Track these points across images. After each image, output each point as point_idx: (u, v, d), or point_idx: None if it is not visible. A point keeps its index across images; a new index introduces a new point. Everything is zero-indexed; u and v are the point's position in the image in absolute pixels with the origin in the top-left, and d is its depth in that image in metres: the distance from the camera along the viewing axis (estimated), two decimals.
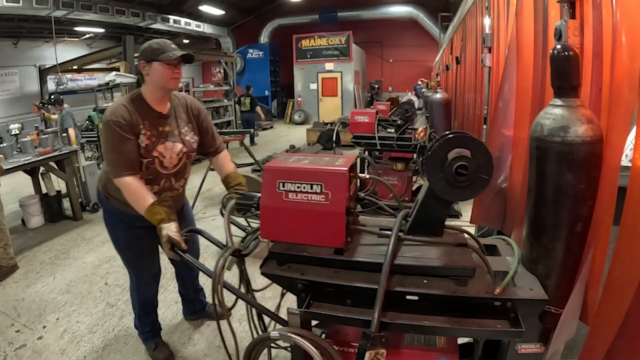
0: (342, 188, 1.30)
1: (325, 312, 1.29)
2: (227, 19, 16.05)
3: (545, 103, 1.73)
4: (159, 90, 2.02)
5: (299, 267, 1.37)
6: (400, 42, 17.55)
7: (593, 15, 1.21)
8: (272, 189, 1.35)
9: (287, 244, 1.40)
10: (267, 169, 1.37)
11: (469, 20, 4.60)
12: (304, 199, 1.32)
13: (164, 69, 1.95)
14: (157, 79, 1.97)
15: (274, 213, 1.37)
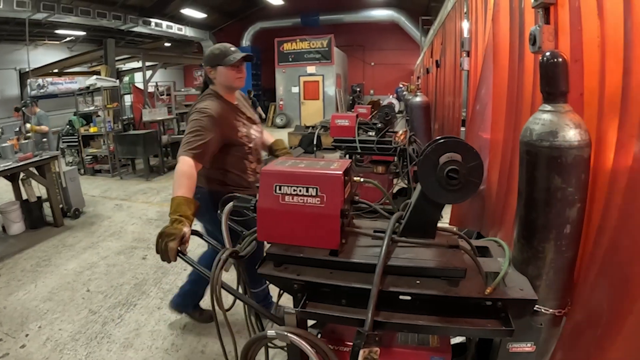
0: (337, 191, 1.33)
1: (320, 311, 1.31)
2: (209, 23, 15.99)
3: (521, 107, 1.80)
4: (228, 89, 2.27)
5: (296, 268, 1.39)
6: (382, 46, 17.76)
7: (571, 21, 1.26)
8: (269, 192, 1.38)
9: (284, 246, 1.42)
10: (265, 173, 1.40)
11: (449, 24, 4.68)
12: (300, 202, 1.35)
13: (228, 71, 2.19)
14: (224, 80, 2.22)
15: (271, 215, 1.39)
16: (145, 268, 3.87)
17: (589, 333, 1.19)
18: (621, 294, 1.07)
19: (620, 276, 1.07)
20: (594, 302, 1.18)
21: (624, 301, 1.04)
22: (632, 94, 0.99)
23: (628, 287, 1.03)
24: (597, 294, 1.17)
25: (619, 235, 1.08)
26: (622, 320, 1.05)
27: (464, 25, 3.20)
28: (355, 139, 4.66)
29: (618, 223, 1.09)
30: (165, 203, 6.03)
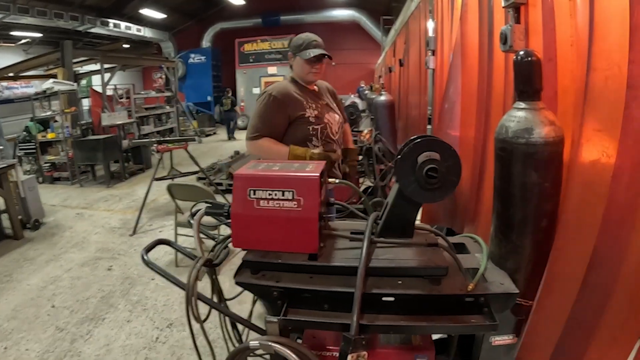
0: (313, 194, 1.29)
1: (303, 318, 1.26)
2: (168, 23, 15.59)
3: (491, 104, 1.82)
4: (300, 79, 2.32)
5: (274, 275, 1.34)
6: (343, 46, 17.75)
7: (544, 20, 1.27)
8: (243, 197, 1.32)
9: (261, 252, 1.37)
10: (238, 177, 1.34)
11: (413, 23, 4.72)
12: (276, 206, 1.30)
13: (304, 64, 2.24)
14: (299, 71, 2.30)
15: (246, 221, 1.33)
16: (111, 279, 3.70)
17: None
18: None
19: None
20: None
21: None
22: (595, 90, 1.00)
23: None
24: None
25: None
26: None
27: (429, 25, 3.22)
28: None
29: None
30: (129, 210, 5.82)
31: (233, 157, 7.78)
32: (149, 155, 8.97)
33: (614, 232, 1.00)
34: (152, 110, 11.67)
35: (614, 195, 0.97)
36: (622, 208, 0.97)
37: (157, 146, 5.31)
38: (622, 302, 1.02)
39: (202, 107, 16.65)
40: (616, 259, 1.02)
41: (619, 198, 0.97)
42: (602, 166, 0.99)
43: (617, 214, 0.99)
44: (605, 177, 0.98)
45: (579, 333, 1.13)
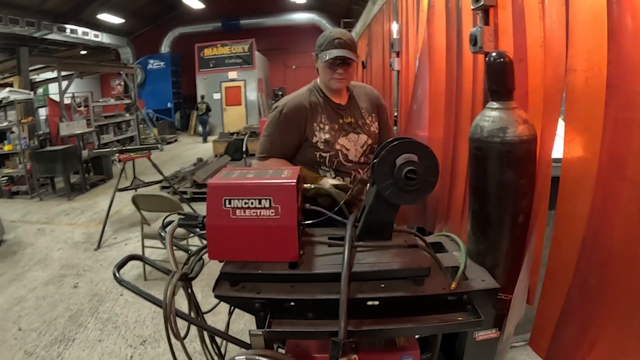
0: (291, 201, 1.25)
1: (289, 329, 1.22)
2: (126, 28, 15.08)
3: (461, 104, 1.84)
4: (326, 87, 1.91)
5: (254, 286, 1.29)
6: (303, 48, 17.66)
7: (514, 22, 1.29)
8: (217, 207, 1.26)
9: (239, 263, 1.31)
10: (212, 186, 1.28)
11: (375, 26, 4.76)
12: (253, 215, 1.25)
13: (324, 67, 1.83)
14: (322, 76, 1.89)
15: (222, 232, 1.27)
16: (78, 297, 3.50)
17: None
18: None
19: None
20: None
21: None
22: (576, 90, 1.03)
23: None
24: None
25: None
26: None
27: (393, 27, 3.24)
28: None
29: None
30: (92, 223, 5.56)
31: (196, 164, 7.59)
32: (110, 165, 8.62)
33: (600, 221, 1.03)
34: (112, 118, 11.22)
35: (599, 187, 1.00)
36: (606, 199, 1.00)
37: (119, 156, 5.10)
38: (612, 286, 1.05)
39: (163, 114, 16.18)
40: (603, 245, 1.05)
41: (604, 190, 0.99)
42: (588, 162, 1.02)
43: (602, 204, 1.01)
44: (591, 172, 1.01)
45: (575, 315, 1.16)
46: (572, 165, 1.10)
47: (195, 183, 6.35)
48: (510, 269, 1.28)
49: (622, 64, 0.91)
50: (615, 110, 0.93)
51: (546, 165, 1.16)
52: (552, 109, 1.13)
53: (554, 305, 1.21)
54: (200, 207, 5.66)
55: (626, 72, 0.90)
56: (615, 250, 1.01)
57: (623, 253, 1.00)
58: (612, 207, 1.00)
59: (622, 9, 0.89)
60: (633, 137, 0.92)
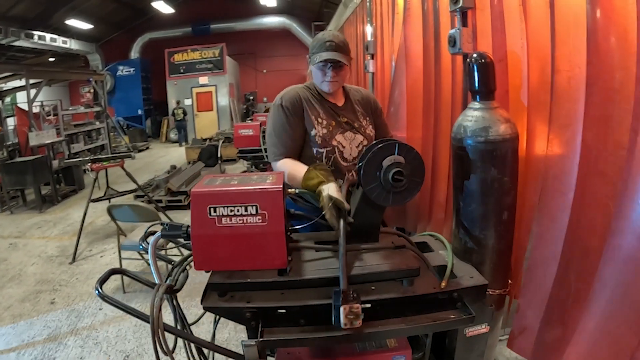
0: (278, 207, 1.22)
1: (282, 337, 1.19)
2: (95, 34, 14.64)
3: (440, 105, 1.85)
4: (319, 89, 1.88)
5: (243, 295, 1.26)
6: (274, 52, 17.61)
7: (493, 24, 1.30)
8: (202, 216, 1.22)
9: (226, 273, 1.28)
10: (195, 195, 1.23)
11: (348, 28, 4.78)
12: (239, 223, 1.22)
13: (316, 70, 1.81)
14: (314, 78, 1.87)
15: (208, 241, 1.24)
16: (55, 314, 3.36)
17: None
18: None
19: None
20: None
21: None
22: (559, 89, 1.04)
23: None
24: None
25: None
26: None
27: (367, 29, 3.25)
28: (261, 147, 4.55)
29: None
30: (65, 236, 5.37)
31: (170, 171, 7.41)
32: (81, 175, 8.34)
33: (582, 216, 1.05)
34: (82, 127, 10.86)
35: (580, 183, 1.01)
36: (587, 194, 1.02)
37: (91, 165, 4.94)
38: (590, 280, 1.07)
39: (133, 121, 15.76)
40: (585, 239, 1.07)
41: (585, 185, 1.01)
42: (570, 158, 1.04)
43: (583, 199, 1.03)
44: (572, 167, 1.02)
45: (560, 311, 1.17)
46: (554, 161, 1.12)
47: (169, 191, 6.20)
48: (496, 265, 1.29)
49: (600, 64, 0.93)
50: (594, 108, 0.95)
51: (536, 161, 1.18)
52: (540, 108, 1.15)
53: (537, 303, 1.22)
54: (176, 215, 5.55)
55: (603, 72, 0.93)
56: (593, 245, 1.03)
57: (599, 247, 1.02)
58: (590, 201, 1.02)
59: (601, 12, 0.91)
60: (609, 133, 0.94)
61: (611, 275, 1.00)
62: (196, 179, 6.97)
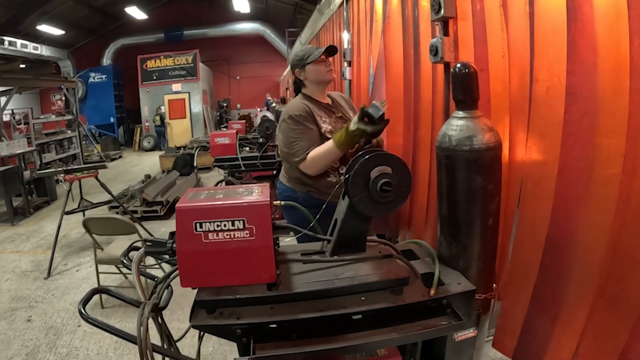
0: (266, 220, 1.19)
1: (274, 353, 1.16)
2: (67, 40, 14.16)
3: (420, 113, 1.86)
4: (320, 85, 2.15)
5: (232, 311, 1.22)
6: (247, 59, 17.44)
7: (475, 33, 1.31)
8: (188, 232, 1.17)
9: (214, 289, 1.24)
10: (180, 210, 1.18)
11: (324, 35, 4.76)
12: (227, 238, 1.18)
13: (317, 66, 2.08)
14: (315, 76, 2.11)
15: (195, 258, 1.19)
16: (33, 332, 3.20)
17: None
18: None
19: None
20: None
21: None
22: (538, 99, 1.05)
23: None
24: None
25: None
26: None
27: (344, 36, 3.24)
28: (238, 156, 4.47)
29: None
30: (39, 249, 5.15)
31: (144, 181, 7.18)
32: (54, 186, 8.02)
33: (561, 220, 1.06)
34: (53, 135, 10.48)
35: (560, 189, 1.02)
36: (566, 200, 1.03)
37: (64, 176, 4.75)
38: (574, 281, 1.09)
39: (105, 130, 15.28)
40: (565, 243, 1.08)
41: (564, 191, 1.02)
42: (548, 165, 1.05)
43: (563, 205, 1.04)
44: (551, 174, 1.03)
45: (541, 311, 1.18)
46: (533, 168, 1.13)
47: (145, 201, 6.01)
48: (482, 269, 1.30)
49: (582, 74, 0.94)
50: (578, 116, 0.96)
51: (517, 167, 1.19)
52: (520, 116, 1.16)
53: (519, 305, 1.24)
54: (152, 225, 5.40)
55: (585, 82, 0.94)
56: (594, 244, 1.04)
57: (591, 250, 1.03)
58: (581, 206, 1.03)
59: (583, 22, 0.92)
60: (597, 140, 0.95)
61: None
62: (172, 188, 6.77)
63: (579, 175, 1.03)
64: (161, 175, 8.03)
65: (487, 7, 1.27)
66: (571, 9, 0.95)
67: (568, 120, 1.00)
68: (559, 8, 0.98)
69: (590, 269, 1.05)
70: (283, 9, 14.27)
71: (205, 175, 8.69)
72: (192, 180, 7.34)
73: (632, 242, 0.93)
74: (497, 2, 1.23)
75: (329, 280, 1.24)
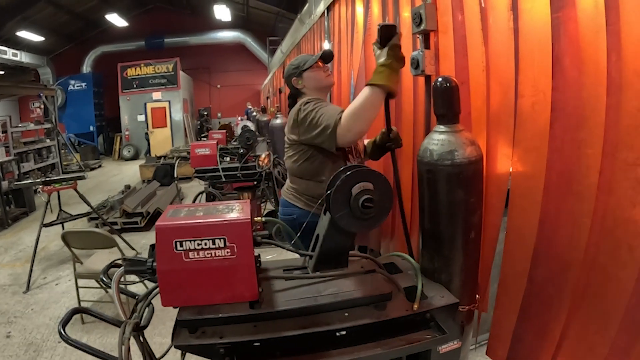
0: (247, 238, 1.16)
1: None
2: (46, 47, 13.79)
3: (401, 125, 1.86)
4: (321, 91, 1.98)
5: (215, 330, 1.18)
6: (228, 67, 17.26)
7: (456, 47, 1.31)
8: (168, 251, 1.14)
9: (196, 308, 1.20)
10: (160, 229, 1.15)
11: (305, 44, 4.75)
12: (208, 256, 1.15)
13: (316, 72, 1.95)
14: (315, 82, 1.96)
15: (175, 277, 1.16)
16: (12, 349, 3.06)
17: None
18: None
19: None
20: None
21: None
22: (523, 114, 1.06)
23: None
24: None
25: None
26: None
27: (325, 46, 3.23)
28: (219, 167, 4.41)
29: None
30: (18, 262, 4.98)
31: (124, 191, 6.98)
32: (32, 197, 7.78)
33: (547, 233, 1.06)
34: (32, 144, 10.16)
35: (546, 202, 1.03)
36: (550, 214, 1.04)
37: (43, 187, 4.60)
38: (557, 295, 1.09)
39: (85, 138, 14.87)
40: (552, 255, 1.08)
41: (550, 204, 1.03)
42: (535, 178, 1.06)
43: (547, 218, 1.04)
44: (538, 187, 1.04)
45: (529, 322, 1.18)
46: (520, 182, 1.13)
47: (125, 212, 5.85)
48: (464, 282, 1.29)
49: (567, 90, 0.95)
50: (562, 131, 0.97)
51: (501, 182, 1.19)
52: (502, 130, 1.16)
53: (509, 314, 1.23)
54: (132, 237, 5.26)
55: (570, 98, 0.95)
56: (572, 258, 1.04)
57: (582, 260, 1.03)
58: (564, 219, 1.03)
59: (568, 38, 0.93)
60: (577, 156, 0.96)
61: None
62: (152, 199, 6.60)
63: (561, 189, 1.03)
64: (141, 185, 7.85)
65: (467, 21, 1.27)
66: (556, 25, 0.96)
67: (553, 136, 1.01)
68: (544, 25, 0.98)
69: (568, 284, 1.06)
70: (264, 18, 14.24)
71: (185, 185, 8.53)
72: (173, 190, 7.18)
73: (607, 259, 0.94)
74: (477, 17, 1.23)
75: (312, 297, 1.22)
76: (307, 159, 1.85)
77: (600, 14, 0.86)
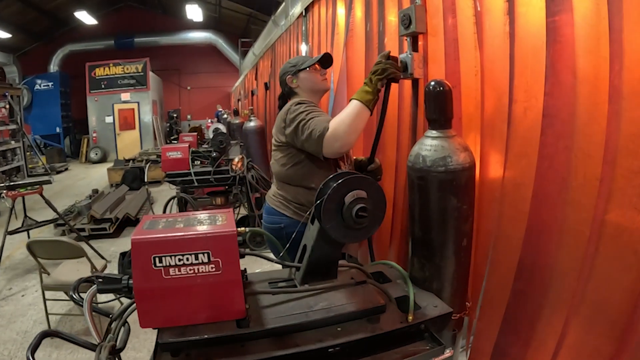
0: (233, 252, 1.07)
1: None
2: (13, 44, 13.01)
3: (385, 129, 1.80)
4: (314, 94, 1.88)
5: (200, 352, 1.08)
6: (198, 69, 16.85)
7: (446, 51, 1.26)
8: (146, 267, 1.03)
9: (178, 329, 1.09)
10: (137, 243, 1.03)
11: (280, 46, 4.64)
12: (190, 273, 1.04)
13: (312, 74, 1.86)
14: (309, 84, 1.87)
15: (154, 296, 1.05)
16: None
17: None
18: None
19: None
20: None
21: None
22: (515, 119, 1.01)
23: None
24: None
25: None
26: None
27: (302, 48, 3.14)
28: (191, 171, 4.24)
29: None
30: None
31: (92, 196, 6.61)
32: None
33: (535, 244, 1.02)
34: None
35: (534, 211, 0.99)
36: (540, 223, 1.00)
37: (7, 192, 4.31)
38: (546, 306, 1.05)
39: (51, 140, 14.13)
40: (537, 267, 1.04)
41: (538, 214, 0.99)
42: (524, 187, 1.01)
43: (536, 228, 1.00)
44: (526, 196, 0.99)
45: (513, 334, 1.15)
46: (510, 190, 1.09)
47: (93, 218, 5.55)
48: (456, 290, 1.25)
49: (560, 97, 0.91)
50: (554, 138, 0.93)
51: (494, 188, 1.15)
52: (495, 135, 1.12)
53: (492, 326, 1.20)
54: (101, 244, 4.99)
55: (562, 105, 0.91)
56: (567, 268, 1.01)
57: (565, 274, 1.00)
58: (554, 230, 0.99)
59: (562, 44, 0.89)
60: (573, 163, 0.92)
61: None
62: (121, 203, 6.30)
63: (554, 198, 1.00)
64: (109, 189, 7.50)
65: (459, 25, 1.23)
66: (551, 30, 0.92)
67: (544, 143, 0.97)
68: (538, 29, 0.94)
69: (563, 294, 1.02)
70: (236, 19, 13.99)
71: (155, 189, 8.21)
72: (143, 195, 6.87)
73: (609, 265, 0.91)
74: (471, 20, 1.19)
75: (303, 313, 1.13)
76: (296, 163, 1.74)
77: (603, 21, 0.83)
